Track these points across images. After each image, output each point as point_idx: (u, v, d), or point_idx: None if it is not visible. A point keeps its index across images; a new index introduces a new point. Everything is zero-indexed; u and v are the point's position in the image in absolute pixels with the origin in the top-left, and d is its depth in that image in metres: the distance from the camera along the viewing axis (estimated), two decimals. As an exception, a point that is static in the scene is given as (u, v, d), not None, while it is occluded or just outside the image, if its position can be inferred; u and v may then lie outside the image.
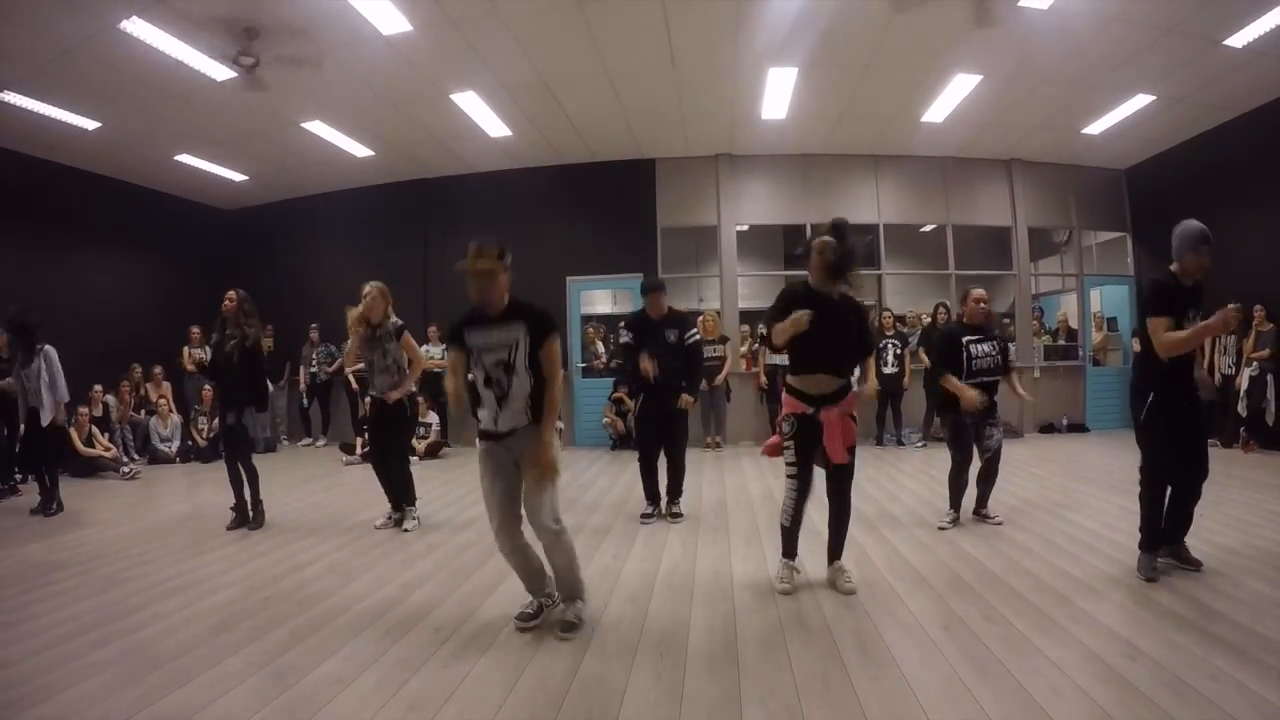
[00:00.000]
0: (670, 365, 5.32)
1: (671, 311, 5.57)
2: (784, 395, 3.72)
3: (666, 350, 5.33)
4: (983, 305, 4.95)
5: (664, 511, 5.42)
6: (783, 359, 9.11)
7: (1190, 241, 3.55)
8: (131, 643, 3.09)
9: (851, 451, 3.63)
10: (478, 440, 3.24)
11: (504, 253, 3.25)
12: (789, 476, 3.67)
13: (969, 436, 4.96)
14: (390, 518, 5.35)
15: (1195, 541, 4.21)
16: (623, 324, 5.73)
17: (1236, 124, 8.68)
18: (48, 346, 6.24)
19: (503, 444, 3.13)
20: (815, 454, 3.63)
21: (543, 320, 3.17)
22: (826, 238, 3.53)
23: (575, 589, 3.29)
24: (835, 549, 3.75)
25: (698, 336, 5.61)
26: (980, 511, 5.03)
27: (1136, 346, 9.67)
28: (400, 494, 5.35)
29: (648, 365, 5.21)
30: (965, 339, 4.86)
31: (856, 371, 4.11)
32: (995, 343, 4.90)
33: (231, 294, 5.51)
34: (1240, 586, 3.44)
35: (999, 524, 4.87)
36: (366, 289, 5.24)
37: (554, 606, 3.34)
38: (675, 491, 5.50)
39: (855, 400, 3.67)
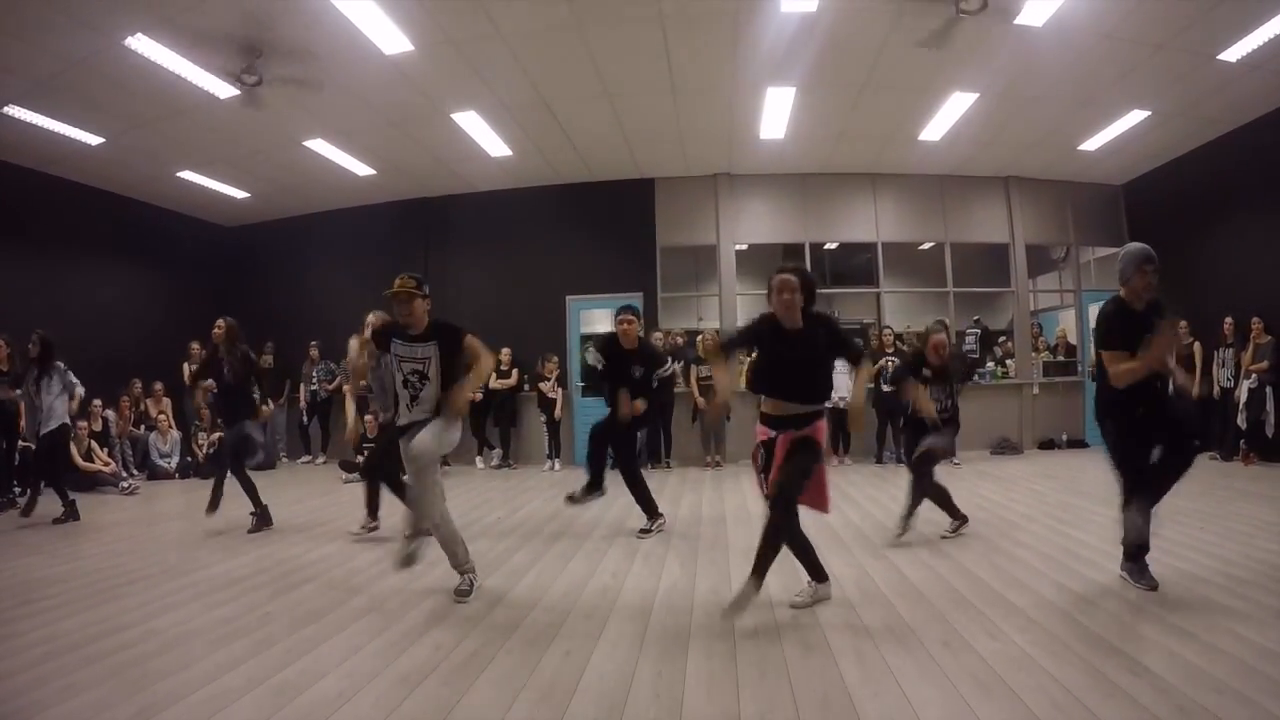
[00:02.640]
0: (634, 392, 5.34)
1: (641, 344, 5.48)
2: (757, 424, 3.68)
3: (629, 384, 5.33)
4: (940, 352, 5.02)
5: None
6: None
7: (1134, 262, 3.56)
8: (126, 658, 3.06)
9: (803, 472, 3.47)
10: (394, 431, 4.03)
11: (421, 283, 3.94)
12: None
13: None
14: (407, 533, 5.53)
15: (1194, 554, 4.24)
16: (592, 344, 5.61)
17: (1232, 137, 8.75)
18: (60, 364, 6.60)
19: (405, 436, 3.91)
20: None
21: (453, 332, 3.94)
22: (786, 275, 3.52)
23: (418, 527, 3.92)
24: (757, 569, 3.57)
25: (670, 372, 5.49)
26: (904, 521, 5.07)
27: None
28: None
29: (628, 410, 5.24)
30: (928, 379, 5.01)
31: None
32: (946, 389, 5.05)
33: (220, 322, 5.95)
34: (1241, 598, 3.43)
35: (900, 536, 4.93)
36: (370, 319, 5.23)
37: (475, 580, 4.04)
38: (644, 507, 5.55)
39: (824, 428, 3.56)
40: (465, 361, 3.94)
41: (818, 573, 3.66)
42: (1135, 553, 3.71)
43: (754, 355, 3.77)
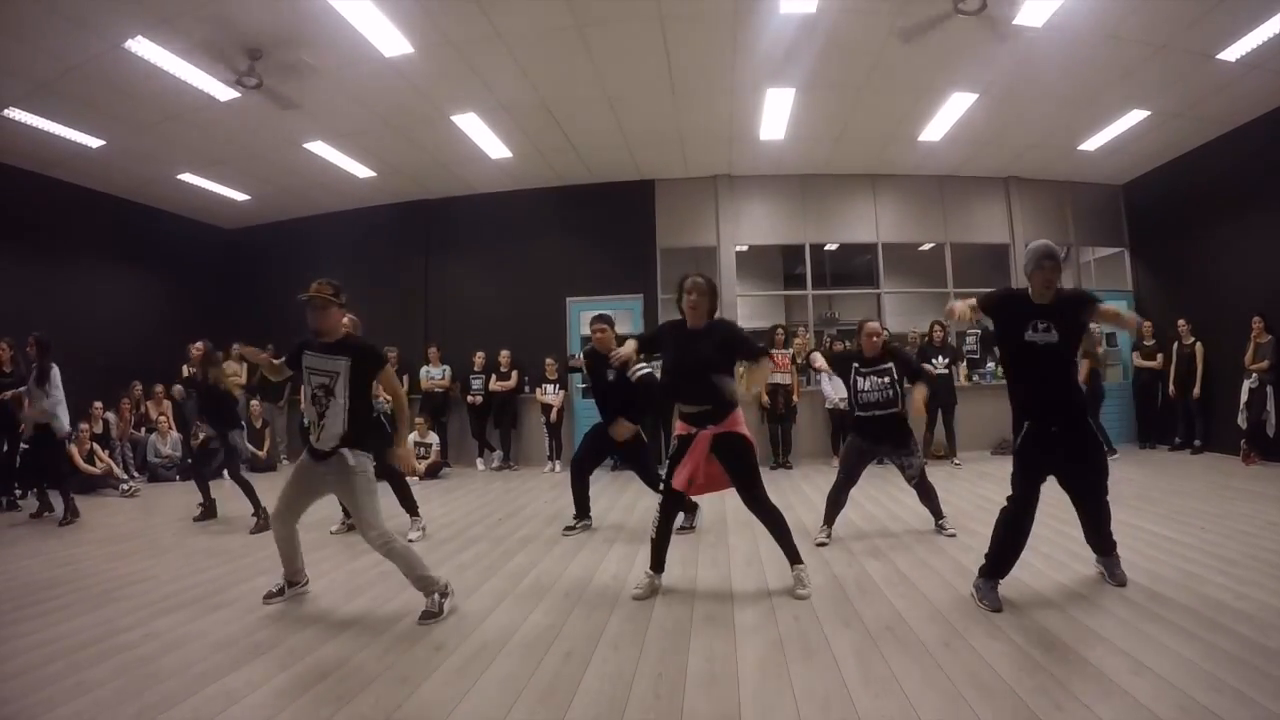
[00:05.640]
0: (610, 403, 5.51)
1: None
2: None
3: (606, 387, 5.48)
4: (875, 339, 5.09)
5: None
6: (784, 377, 9.10)
7: (1033, 259, 3.52)
8: (128, 660, 3.07)
9: (747, 468, 3.81)
10: (305, 452, 3.76)
11: (339, 291, 3.74)
12: (659, 490, 4.07)
13: (858, 461, 5.12)
14: (344, 523, 5.74)
15: (1196, 554, 4.25)
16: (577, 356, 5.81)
17: (1232, 137, 8.73)
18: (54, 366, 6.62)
19: (320, 464, 3.65)
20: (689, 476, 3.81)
21: (370, 355, 3.70)
22: (694, 279, 3.93)
23: (424, 586, 3.61)
24: (788, 555, 3.91)
25: (643, 371, 5.43)
26: (939, 524, 5.16)
27: (1137, 361, 9.75)
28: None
29: (621, 433, 5.46)
30: (855, 365, 5.11)
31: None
32: (887, 376, 5.03)
33: (198, 345, 6.35)
34: (1243, 598, 3.43)
35: (952, 535, 4.99)
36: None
37: (301, 588, 4.01)
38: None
39: (741, 419, 3.83)
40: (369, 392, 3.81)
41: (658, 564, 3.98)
42: (992, 566, 3.61)
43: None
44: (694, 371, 3.76)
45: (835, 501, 5.08)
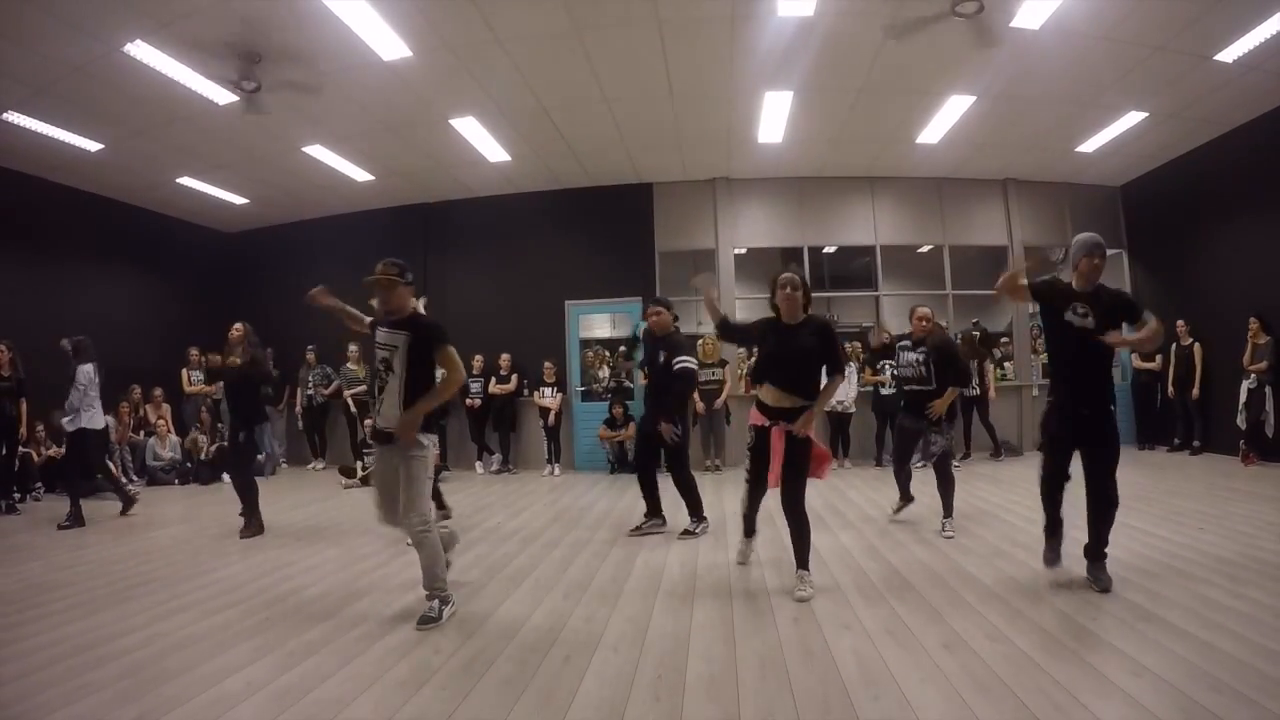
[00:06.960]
0: (657, 384, 5.58)
1: (671, 334, 5.67)
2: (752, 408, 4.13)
3: (655, 370, 5.56)
4: (924, 322, 5.35)
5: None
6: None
7: (1082, 249, 3.90)
8: (129, 663, 3.07)
9: (800, 471, 3.90)
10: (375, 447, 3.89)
11: (404, 270, 3.79)
12: (745, 480, 4.24)
13: (909, 441, 5.56)
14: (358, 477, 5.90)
15: (1195, 555, 4.26)
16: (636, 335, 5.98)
17: (1230, 138, 8.73)
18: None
19: (387, 445, 3.69)
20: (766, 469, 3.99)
21: (429, 330, 3.71)
22: (790, 274, 3.97)
23: (434, 586, 3.63)
24: (798, 559, 3.95)
25: (684, 364, 5.46)
26: (943, 523, 5.27)
27: (1136, 362, 9.77)
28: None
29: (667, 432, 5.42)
30: (900, 342, 5.47)
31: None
32: (923, 352, 5.27)
33: (239, 325, 6.09)
34: (1241, 598, 3.44)
35: (950, 537, 5.05)
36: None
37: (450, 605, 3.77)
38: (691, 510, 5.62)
39: (811, 419, 3.90)
40: (432, 371, 3.72)
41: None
42: (1047, 530, 3.99)
43: (756, 352, 4.25)
44: (795, 361, 3.90)
45: (899, 474, 5.66)
